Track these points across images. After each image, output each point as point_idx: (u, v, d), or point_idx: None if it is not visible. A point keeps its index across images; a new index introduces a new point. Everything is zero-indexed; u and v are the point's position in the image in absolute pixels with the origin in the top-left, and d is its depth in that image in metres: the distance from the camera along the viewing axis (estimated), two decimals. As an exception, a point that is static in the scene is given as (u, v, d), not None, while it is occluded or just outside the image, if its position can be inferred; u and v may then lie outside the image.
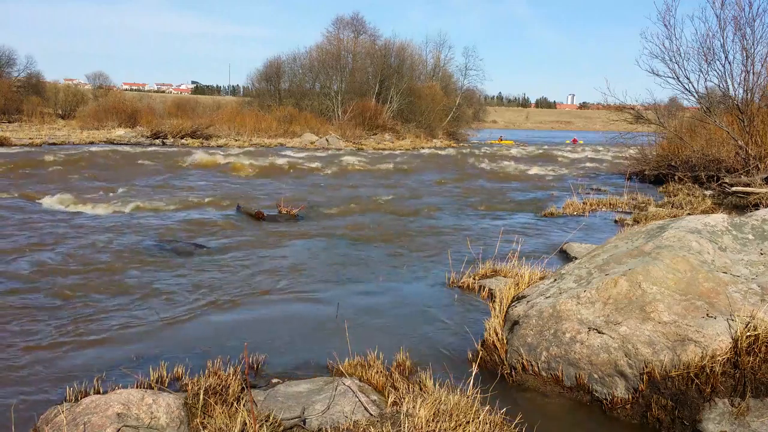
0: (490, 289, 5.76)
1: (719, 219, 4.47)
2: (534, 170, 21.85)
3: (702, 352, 3.27)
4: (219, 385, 3.44)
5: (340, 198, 12.97)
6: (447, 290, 6.06)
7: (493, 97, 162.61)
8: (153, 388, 3.46)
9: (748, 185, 12.63)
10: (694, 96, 15.12)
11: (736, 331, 3.30)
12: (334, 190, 14.59)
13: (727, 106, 15.21)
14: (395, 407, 3.26)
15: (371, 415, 3.20)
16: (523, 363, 3.88)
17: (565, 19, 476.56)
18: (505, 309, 4.27)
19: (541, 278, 4.67)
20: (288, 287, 6.02)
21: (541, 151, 36.75)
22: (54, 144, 28.26)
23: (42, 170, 16.37)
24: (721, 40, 13.74)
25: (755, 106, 13.91)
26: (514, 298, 4.40)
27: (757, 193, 12.02)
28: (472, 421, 3.01)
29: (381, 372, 3.74)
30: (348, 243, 8.31)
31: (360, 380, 3.64)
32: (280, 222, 9.76)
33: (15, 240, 7.63)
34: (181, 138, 34.22)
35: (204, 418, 3.13)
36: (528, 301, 4.17)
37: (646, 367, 3.37)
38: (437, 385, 3.41)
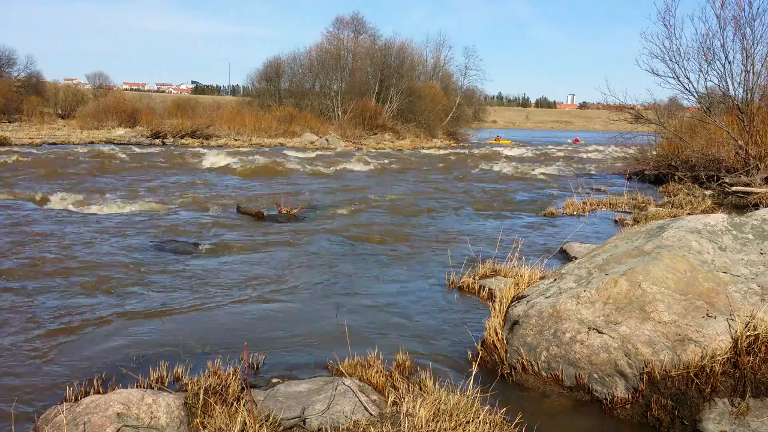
0: (490, 289, 5.76)
1: (719, 219, 4.47)
2: (534, 170, 21.85)
3: (702, 352, 3.27)
4: (219, 385, 3.44)
5: (340, 198, 12.97)
6: (447, 290, 6.06)
7: (493, 97, 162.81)
8: (153, 388, 3.46)
9: (748, 185, 12.64)
10: (694, 96, 15.14)
11: (736, 331, 3.30)
12: (333, 190, 14.59)
13: (727, 105, 15.22)
14: (395, 407, 3.26)
15: (371, 414, 3.20)
16: (523, 363, 3.88)
17: (565, 19, 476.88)
18: (505, 309, 4.26)
19: (541, 278, 4.67)
20: (288, 287, 6.02)
21: (541, 151, 36.75)
22: (54, 144, 28.30)
23: (41, 170, 16.36)
24: (721, 40, 13.76)
25: (755, 105, 13.91)
26: (514, 298, 4.40)
27: (757, 193, 12.02)
28: (472, 420, 3.01)
29: (381, 372, 3.74)
30: (348, 243, 8.31)
31: (360, 380, 3.64)
32: (280, 222, 9.75)
33: (14, 240, 7.63)
34: (181, 138, 34.25)
35: (204, 418, 3.12)
36: (528, 301, 4.17)
37: (646, 366, 3.37)
38: (437, 384, 3.41)
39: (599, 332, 3.62)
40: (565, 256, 7.34)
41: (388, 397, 3.39)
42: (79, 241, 7.72)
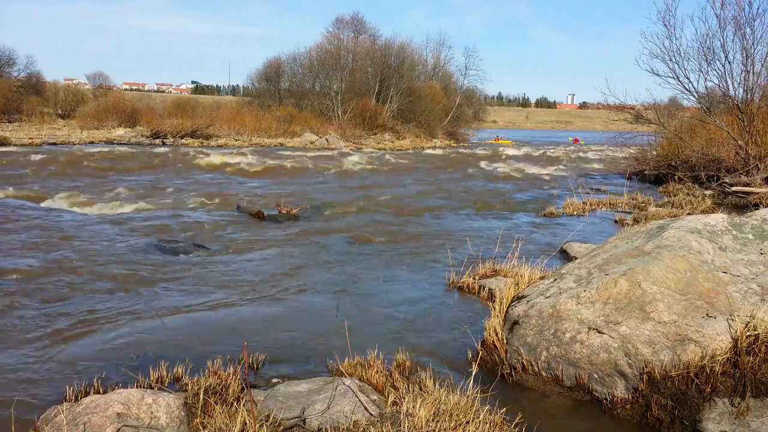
0: (490, 289, 5.76)
1: (719, 219, 4.47)
2: (534, 170, 21.85)
3: (702, 352, 3.27)
4: (219, 385, 3.44)
5: (340, 198, 12.96)
6: (447, 290, 6.06)
7: (493, 97, 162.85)
8: (153, 388, 3.46)
9: (748, 185, 12.64)
10: (694, 96, 15.14)
11: (736, 331, 3.30)
12: (333, 190, 14.59)
13: (727, 105, 15.22)
14: (395, 407, 3.26)
15: (371, 414, 3.20)
16: (523, 363, 3.88)
17: (565, 19, 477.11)
18: (505, 309, 4.27)
19: (541, 278, 4.67)
20: (288, 287, 6.02)
21: (540, 151, 36.76)
22: (54, 144, 28.29)
23: (42, 170, 16.37)
24: (721, 40, 13.75)
25: (755, 105, 13.91)
26: (514, 297, 4.40)
27: (757, 193, 12.02)
28: (472, 420, 3.01)
29: (381, 372, 3.74)
30: (348, 243, 8.31)
31: (360, 380, 3.64)
32: (280, 222, 9.75)
33: (15, 240, 7.63)
34: (181, 138, 34.24)
35: (204, 418, 3.13)
36: (528, 301, 4.17)
37: (646, 366, 3.37)
38: (437, 384, 3.41)
39: (599, 332, 3.62)
40: (565, 256, 7.34)
41: (388, 397, 3.39)
42: (78, 241, 7.72)
